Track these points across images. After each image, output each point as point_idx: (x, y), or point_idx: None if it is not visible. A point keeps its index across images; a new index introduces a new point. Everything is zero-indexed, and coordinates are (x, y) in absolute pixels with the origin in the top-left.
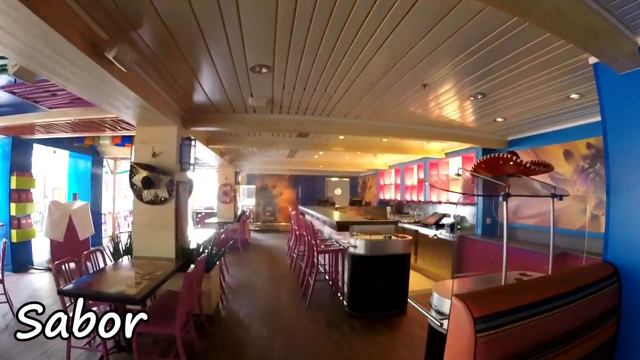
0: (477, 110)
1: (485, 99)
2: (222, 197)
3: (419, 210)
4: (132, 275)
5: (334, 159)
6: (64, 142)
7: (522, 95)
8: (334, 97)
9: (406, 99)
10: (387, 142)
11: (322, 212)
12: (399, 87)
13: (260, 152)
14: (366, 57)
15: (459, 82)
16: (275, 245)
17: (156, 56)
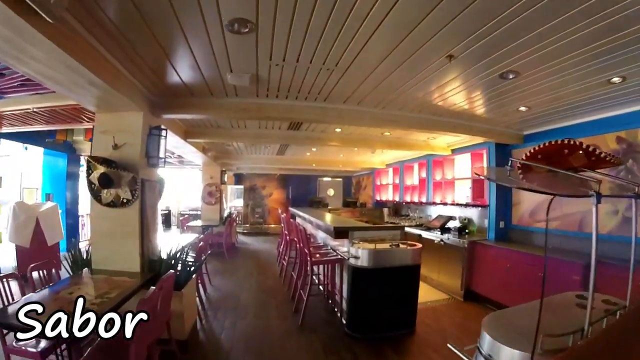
0: (500, 96)
1: (515, 81)
2: (206, 198)
3: (420, 212)
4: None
5: (328, 156)
6: (36, 137)
7: (555, 78)
8: (334, 75)
9: (422, 78)
10: (390, 137)
11: (316, 215)
12: (417, 59)
13: (247, 148)
14: (378, 16)
15: (490, 56)
16: (264, 249)
17: (111, 21)
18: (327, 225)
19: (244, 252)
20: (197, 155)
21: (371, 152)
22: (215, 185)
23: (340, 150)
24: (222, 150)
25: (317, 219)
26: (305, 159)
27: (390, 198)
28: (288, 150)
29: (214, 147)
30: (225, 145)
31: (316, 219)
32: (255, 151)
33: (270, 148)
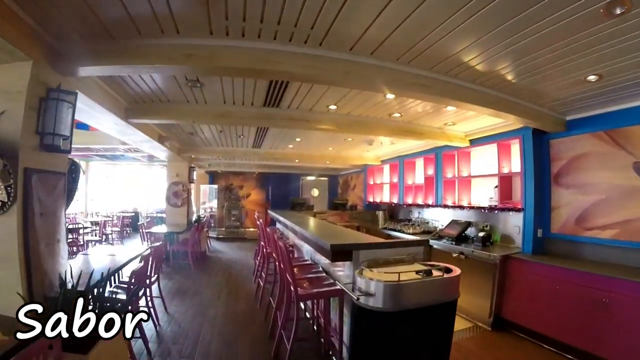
0: (573, 55)
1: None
2: (171, 199)
3: (423, 216)
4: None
5: (314, 150)
6: None
7: None
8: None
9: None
10: (399, 121)
11: (301, 223)
12: None
13: (216, 139)
14: None
15: None
16: (239, 259)
17: None
18: (319, 240)
19: (215, 263)
20: (154, 146)
21: (368, 144)
22: (181, 184)
23: (331, 139)
24: (186, 141)
25: (304, 228)
26: (288, 154)
27: (386, 200)
28: (266, 140)
29: (174, 135)
30: (188, 134)
31: (302, 228)
32: (226, 142)
33: (244, 139)
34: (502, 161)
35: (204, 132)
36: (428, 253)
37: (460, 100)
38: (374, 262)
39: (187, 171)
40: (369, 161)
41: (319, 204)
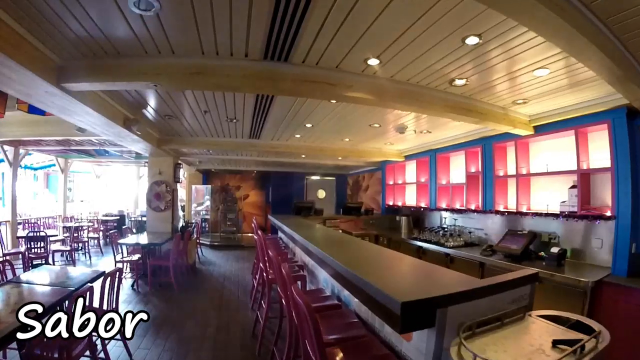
0: None
1: None
2: (153, 202)
3: (459, 222)
4: None
5: (326, 141)
6: None
7: None
8: None
9: None
10: (459, 93)
11: (314, 238)
12: None
13: (201, 124)
14: None
15: None
16: (234, 274)
17: None
18: (369, 286)
19: (204, 280)
20: (119, 133)
21: (399, 133)
22: (165, 183)
23: (350, 126)
24: (166, 129)
25: (328, 253)
26: (293, 146)
27: (410, 203)
28: (267, 128)
29: (145, 119)
30: (165, 117)
31: (326, 254)
32: (215, 130)
33: (238, 125)
34: (581, 154)
35: (185, 114)
36: (479, 273)
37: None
38: (469, 326)
39: (172, 168)
40: (390, 156)
41: (326, 207)
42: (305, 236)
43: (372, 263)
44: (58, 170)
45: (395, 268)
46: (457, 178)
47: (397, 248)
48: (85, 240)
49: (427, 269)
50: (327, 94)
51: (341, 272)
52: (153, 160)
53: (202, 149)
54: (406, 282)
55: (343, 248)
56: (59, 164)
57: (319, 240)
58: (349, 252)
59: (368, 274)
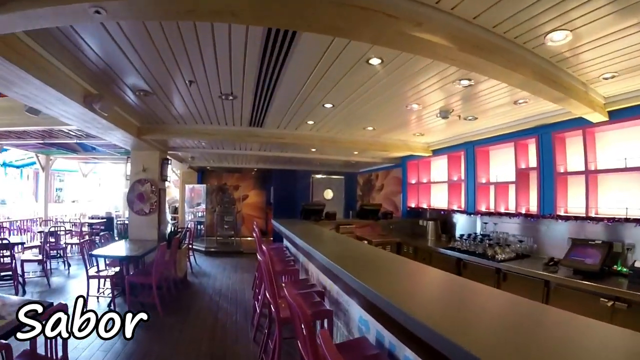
0: None
1: None
2: (135, 204)
3: (499, 228)
4: None
5: (345, 130)
6: None
7: None
8: None
9: None
10: (547, 56)
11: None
12: None
13: (189, 105)
14: None
15: None
16: (231, 289)
17: None
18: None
19: (195, 298)
20: (82, 115)
21: (441, 117)
22: (150, 182)
23: (379, 108)
24: (148, 115)
25: (371, 285)
26: (303, 137)
27: (439, 204)
28: (273, 111)
29: (112, 94)
30: (139, 93)
31: (372, 288)
32: (207, 115)
33: (236, 105)
34: None
35: (164, 88)
36: (543, 294)
37: None
38: None
39: (158, 164)
40: (416, 151)
41: (334, 210)
42: (329, 254)
43: (430, 295)
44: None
45: (469, 305)
46: (503, 175)
47: (426, 259)
48: (62, 247)
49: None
50: (383, 33)
51: (398, 318)
52: (136, 155)
53: (193, 139)
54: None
55: (381, 271)
56: (40, 161)
57: (345, 260)
58: (392, 278)
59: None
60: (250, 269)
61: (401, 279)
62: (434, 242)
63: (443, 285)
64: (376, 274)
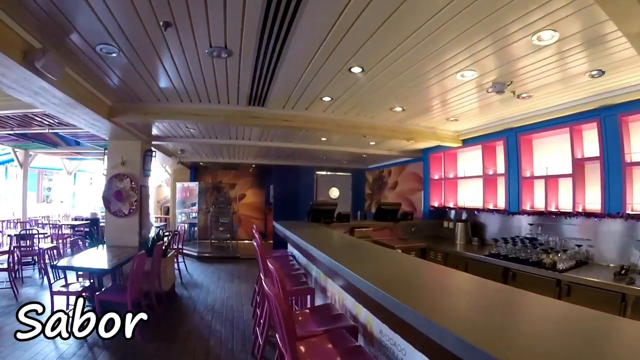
0: None
1: None
2: (113, 204)
3: (555, 232)
4: None
5: (366, 111)
6: None
7: None
8: None
9: None
10: None
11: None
12: None
13: (166, 63)
14: None
15: None
16: (227, 304)
17: None
18: None
19: (183, 317)
20: (18, 76)
21: (496, 93)
22: (129, 177)
23: (416, 75)
24: (122, 90)
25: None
26: (314, 120)
27: (469, 203)
28: (279, 83)
29: (59, 49)
30: (102, 53)
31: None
32: (196, 92)
33: (232, 64)
34: None
35: (127, 33)
36: (620, 310)
37: None
38: None
39: (139, 156)
40: (445, 140)
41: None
42: (370, 277)
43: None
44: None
45: None
46: (557, 167)
47: (460, 269)
48: (37, 252)
49: None
50: None
51: None
52: (114, 146)
53: (179, 121)
54: None
55: (458, 302)
56: (17, 157)
57: (396, 287)
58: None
59: None
60: (249, 277)
61: (497, 309)
62: (464, 246)
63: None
64: (452, 308)
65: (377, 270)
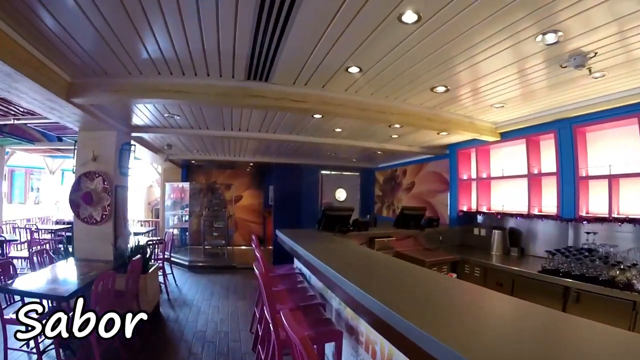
0: None
1: None
2: (82, 208)
3: (613, 241)
4: None
5: (401, 91)
6: None
7: None
8: None
9: None
10: None
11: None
12: None
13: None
14: None
15: None
16: (220, 329)
17: None
18: None
19: (166, 352)
20: None
21: (574, 67)
22: (101, 176)
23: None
24: (83, 60)
25: None
26: (332, 101)
27: (511, 207)
28: (290, 44)
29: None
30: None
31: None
32: (177, 60)
33: (224, 20)
34: None
35: None
36: None
37: None
38: None
39: (114, 151)
40: (483, 132)
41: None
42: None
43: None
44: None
45: None
46: (619, 166)
47: (506, 286)
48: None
49: None
50: None
51: None
52: (85, 138)
53: (156, 100)
54: None
55: None
56: None
57: None
58: None
59: None
60: (246, 291)
61: None
62: (502, 258)
63: None
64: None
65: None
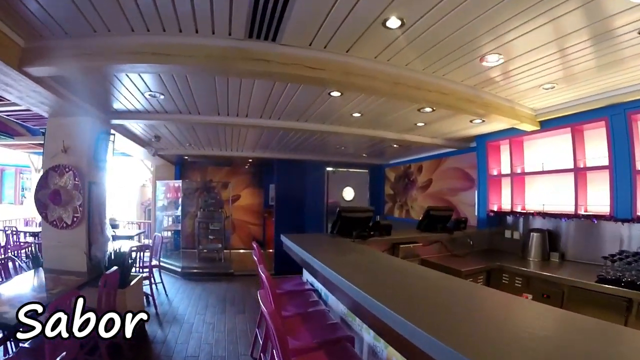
0: None
1: None
2: (50, 209)
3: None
4: None
5: (444, 65)
6: None
7: None
8: None
9: None
10: None
11: None
12: None
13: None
14: None
15: None
16: (215, 353)
17: None
18: None
19: None
20: None
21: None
22: (72, 170)
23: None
24: (37, 16)
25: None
26: (355, 70)
27: (553, 208)
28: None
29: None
30: None
31: None
32: (158, 7)
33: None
34: None
35: None
36: None
37: None
38: None
39: (88, 140)
40: (522, 119)
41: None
42: None
43: None
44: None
45: None
46: None
47: (554, 298)
48: None
49: None
50: None
51: None
52: (54, 125)
53: (128, 65)
54: None
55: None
56: None
57: None
58: None
59: None
60: (245, 303)
61: None
62: (541, 265)
63: None
64: None
65: None
